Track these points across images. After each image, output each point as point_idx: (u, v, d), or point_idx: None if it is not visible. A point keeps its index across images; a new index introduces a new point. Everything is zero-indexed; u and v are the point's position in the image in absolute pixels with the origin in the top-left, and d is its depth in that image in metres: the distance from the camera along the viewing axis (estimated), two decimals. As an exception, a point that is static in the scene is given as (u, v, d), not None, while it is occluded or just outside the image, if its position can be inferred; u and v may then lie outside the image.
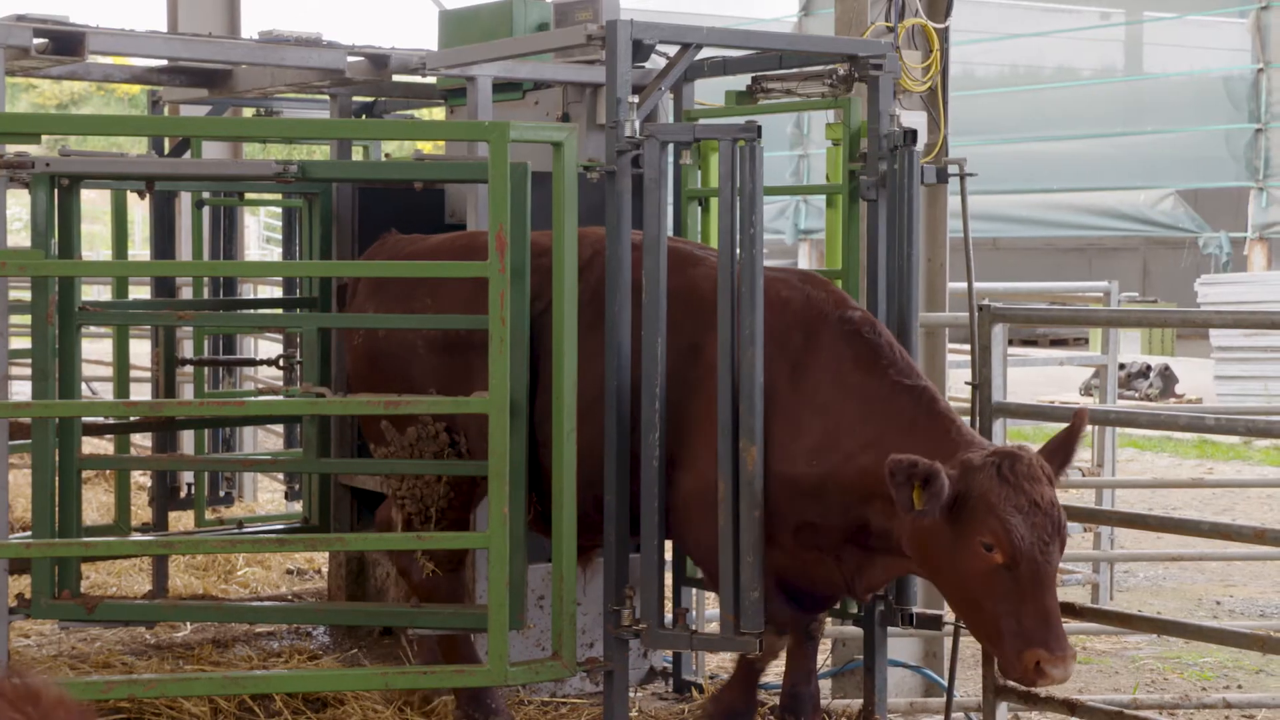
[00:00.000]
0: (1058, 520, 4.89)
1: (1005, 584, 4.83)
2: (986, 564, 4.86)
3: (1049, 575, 4.81)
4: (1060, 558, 4.91)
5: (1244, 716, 7.00)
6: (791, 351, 5.57)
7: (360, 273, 7.61)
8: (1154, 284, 32.92)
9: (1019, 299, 9.78)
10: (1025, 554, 4.79)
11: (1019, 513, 4.81)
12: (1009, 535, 4.81)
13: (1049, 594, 4.80)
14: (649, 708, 6.76)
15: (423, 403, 6.78)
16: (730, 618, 5.40)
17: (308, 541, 6.98)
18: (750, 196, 5.46)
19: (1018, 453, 4.96)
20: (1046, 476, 4.93)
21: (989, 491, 4.85)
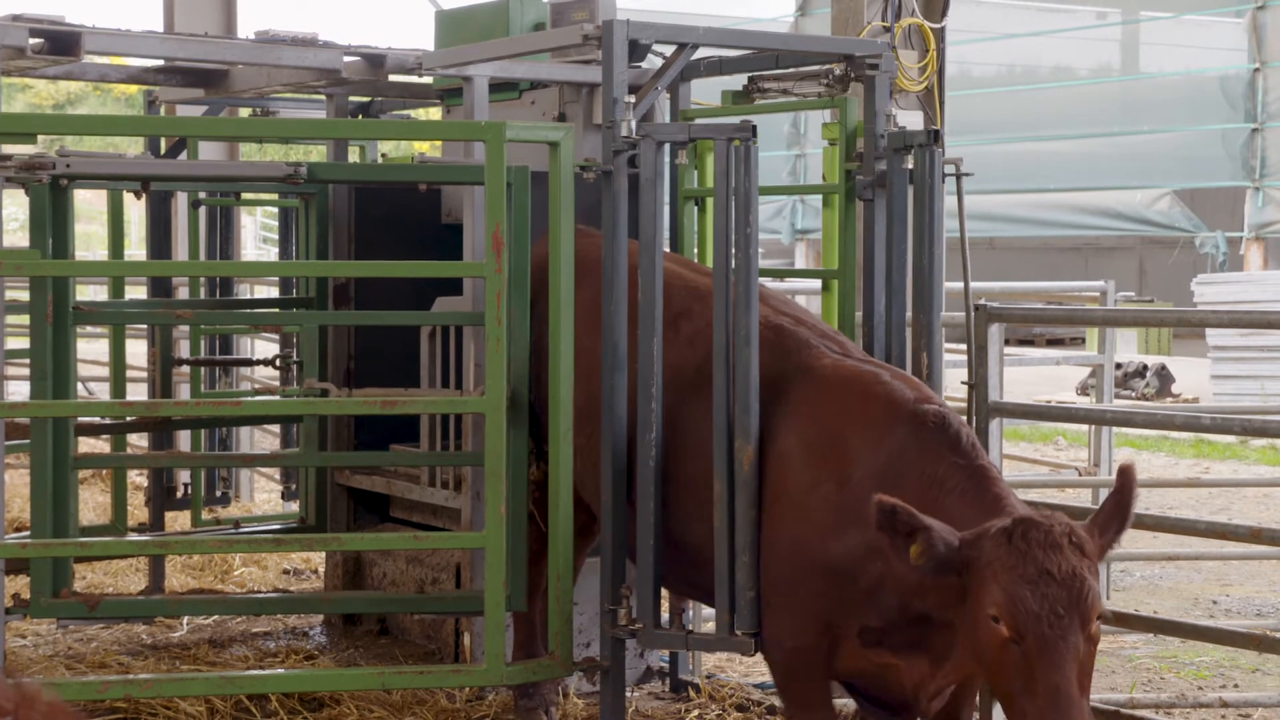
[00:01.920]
0: (1078, 592, 4.44)
1: (1014, 659, 4.47)
2: (996, 637, 4.52)
3: (1061, 651, 4.39)
4: (1085, 634, 4.44)
5: (1240, 715, 7.00)
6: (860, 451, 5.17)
7: (356, 273, 7.62)
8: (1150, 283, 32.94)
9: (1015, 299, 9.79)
10: (1030, 627, 4.41)
11: (1025, 583, 4.44)
12: (1011, 607, 4.45)
13: (1059, 672, 4.37)
14: (646, 707, 6.76)
15: (419, 401, 6.80)
16: (725, 618, 5.40)
17: (304, 541, 6.99)
18: (745, 196, 5.46)
19: (1036, 518, 4.58)
20: (1074, 545, 4.51)
21: (994, 560, 4.51)
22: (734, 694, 6.82)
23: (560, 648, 5.89)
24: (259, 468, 11.32)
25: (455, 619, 7.11)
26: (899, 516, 4.56)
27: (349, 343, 7.81)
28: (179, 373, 9.21)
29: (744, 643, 5.37)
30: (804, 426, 5.26)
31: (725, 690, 6.87)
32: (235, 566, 9.06)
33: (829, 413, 5.21)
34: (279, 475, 10.25)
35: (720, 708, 6.72)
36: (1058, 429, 16.20)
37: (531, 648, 6.50)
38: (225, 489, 9.30)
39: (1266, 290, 19.50)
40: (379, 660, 7.20)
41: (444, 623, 7.20)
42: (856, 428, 5.09)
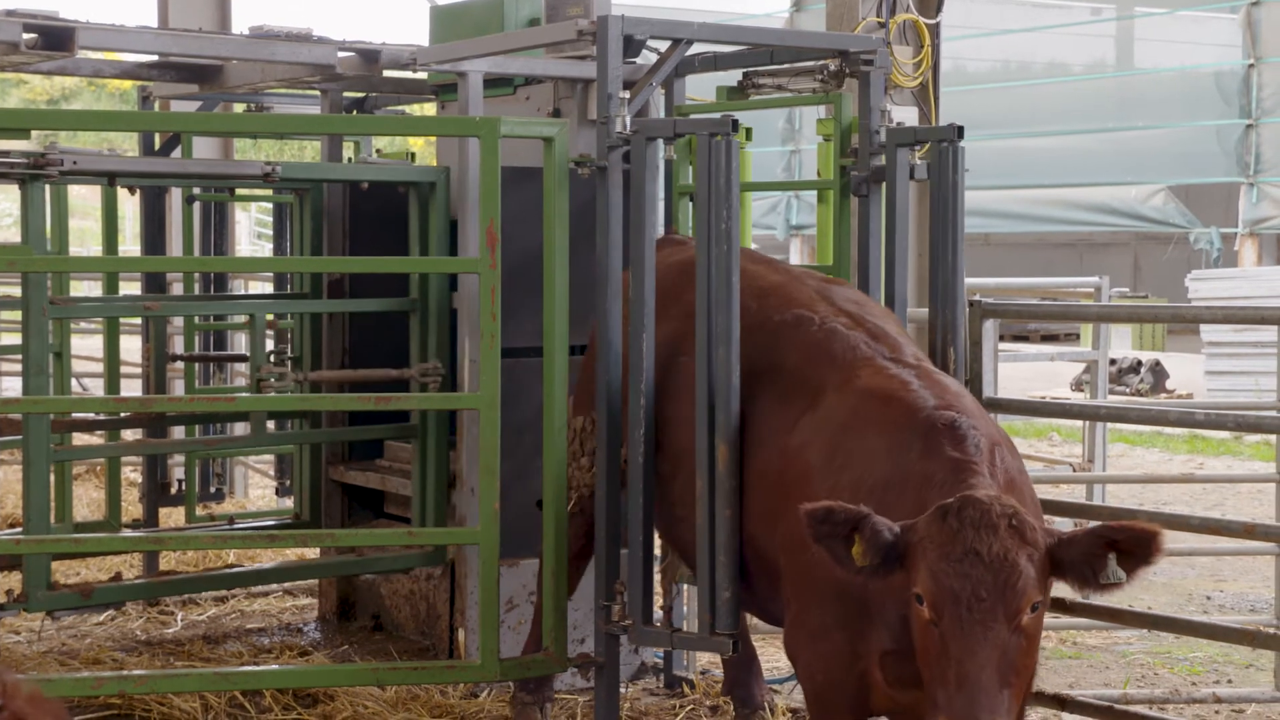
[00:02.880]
0: (1006, 578, 4.12)
1: (934, 643, 4.18)
2: (920, 619, 4.24)
3: (976, 637, 4.08)
4: (1011, 623, 4.12)
5: (1234, 711, 7.01)
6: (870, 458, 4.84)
7: (350, 268, 7.62)
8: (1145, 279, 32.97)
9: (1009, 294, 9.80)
10: (948, 608, 4.12)
11: (948, 560, 4.14)
12: (932, 584, 4.16)
13: (972, 659, 4.06)
14: (640, 703, 6.76)
15: (413, 399, 6.80)
16: (707, 618, 5.40)
17: (299, 537, 6.98)
18: (725, 191, 5.44)
19: (978, 498, 4.25)
20: (1012, 529, 4.17)
21: (926, 537, 4.23)
22: (728, 690, 6.81)
23: (555, 644, 5.89)
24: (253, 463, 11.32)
25: (450, 617, 7.11)
26: (834, 516, 4.29)
27: (343, 337, 7.81)
28: (173, 368, 9.22)
29: (722, 643, 5.36)
30: (825, 437, 4.96)
31: (720, 686, 6.86)
32: (229, 563, 9.05)
33: (851, 423, 4.90)
34: (273, 471, 10.24)
35: (714, 703, 6.72)
36: (1052, 425, 16.22)
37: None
38: (219, 485, 9.31)
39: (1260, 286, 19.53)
40: (373, 656, 7.20)
41: (439, 619, 7.20)
42: (872, 436, 4.80)
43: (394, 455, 7.75)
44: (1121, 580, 4.23)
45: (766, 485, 5.16)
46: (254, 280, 12.39)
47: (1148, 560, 4.25)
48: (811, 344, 5.19)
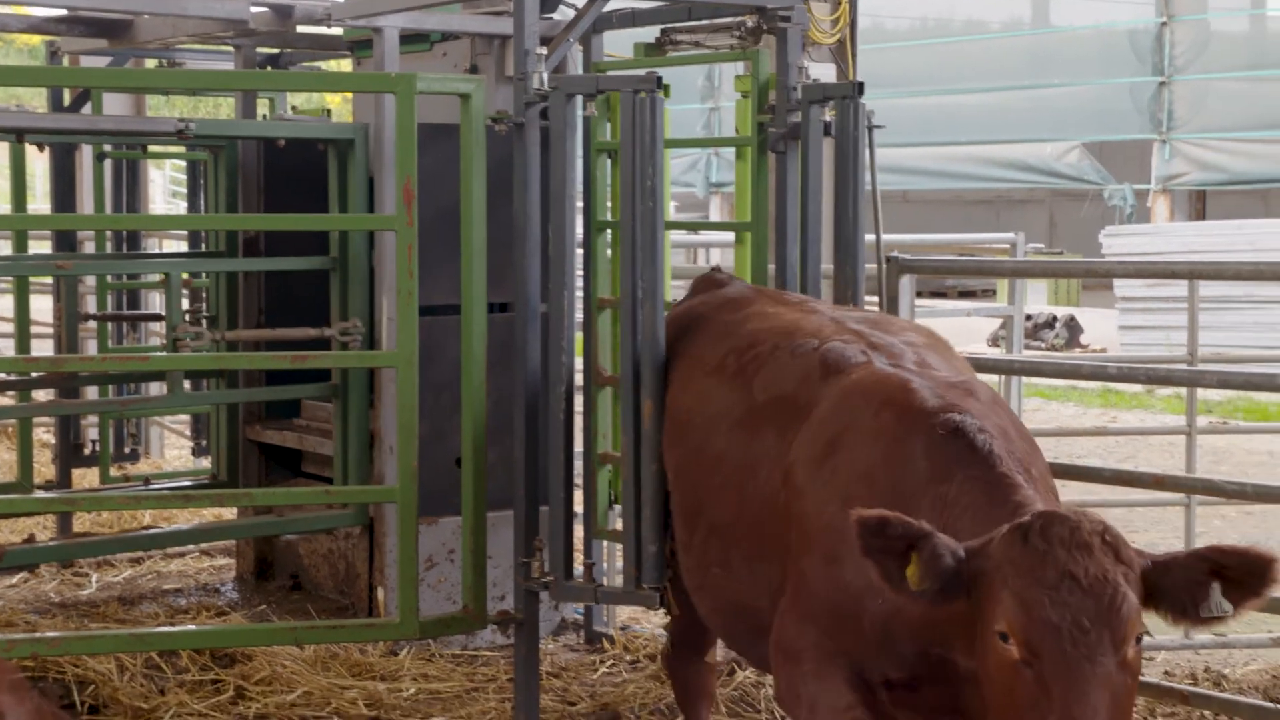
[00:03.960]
0: (1110, 603, 3.50)
1: (1027, 687, 3.53)
2: (1005, 661, 3.58)
3: (1085, 675, 3.47)
4: (1119, 656, 3.51)
5: (1144, 659, 7.12)
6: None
7: (266, 226, 7.55)
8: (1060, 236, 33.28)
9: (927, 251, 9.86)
10: (1047, 643, 3.49)
11: (1041, 588, 3.52)
12: (1023, 618, 3.53)
13: (1083, 701, 3.45)
14: (561, 659, 6.79)
15: (329, 357, 6.76)
16: (632, 571, 5.42)
17: (215, 498, 6.92)
18: (650, 149, 5.44)
19: (1061, 513, 3.67)
20: (1107, 546, 3.59)
21: (1005, 563, 3.61)
22: (647, 644, 6.86)
23: (474, 601, 5.89)
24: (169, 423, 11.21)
25: (369, 575, 7.09)
26: (891, 529, 3.69)
27: (259, 296, 7.74)
28: (85, 328, 9.10)
29: (649, 596, 5.39)
30: (813, 445, 4.39)
31: (639, 641, 6.91)
32: (145, 524, 8.97)
33: (840, 427, 4.34)
34: (189, 431, 10.15)
35: (634, 658, 6.75)
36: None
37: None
38: (134, 445, 9.21)
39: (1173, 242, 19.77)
40: (292, 615, 7.16)
41: (358, 578, 7.18)
42: (866, 441, 4.24)
43: (311, 414, 7.70)
44: (1227, 614, 3.61)
45: (764, 524, 4.52)
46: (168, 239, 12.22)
47: (1259, 592, 3.62)
48: (807, 365, 4.67)
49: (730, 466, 4.70)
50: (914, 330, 4.87)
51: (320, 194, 7.18)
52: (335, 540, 7.40)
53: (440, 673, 6.56)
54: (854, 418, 4.30)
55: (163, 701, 6.11)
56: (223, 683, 6.28)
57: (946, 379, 4.36)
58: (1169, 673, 6.87)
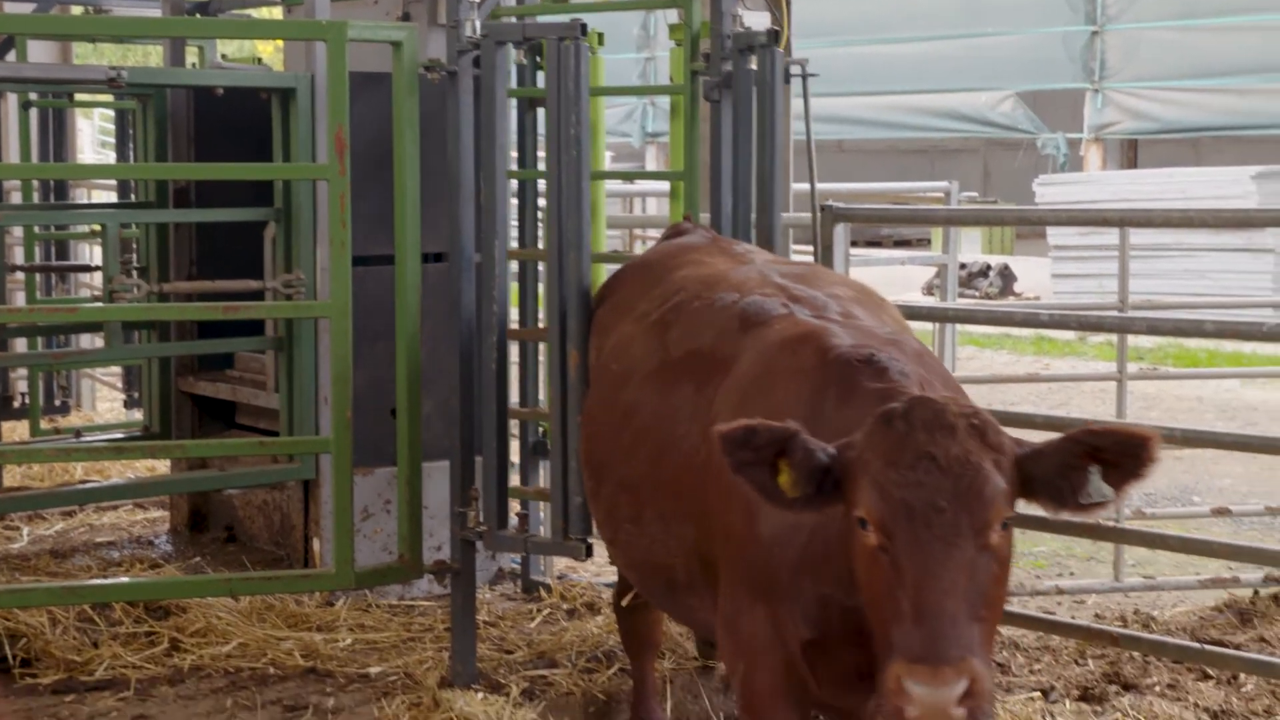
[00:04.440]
0: (970, 484, 3.37)
1: (884, 572, 3.38)
2: (865, 548, 3.45)
3: (936, 556, 3.32)
4: (979, 540, 3.36)
5: (1075, 602, 7.23)
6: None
7: (199, 175, 7.47)
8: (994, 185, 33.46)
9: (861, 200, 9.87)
10: (900, 524, 3.36)
11: (896, 468, 3.39)
12: (878, 500, 3.39)
13: (933, 582, 3.30)
14: (498, 608, 6.80)
15: (261, 308, 6.71)
16: (560, 523, 5.44)
17: (146, 449, 6.88)
18: (574, 96, 5.41)
19: (929, 398, 3.54)
20: (974, 430, 3.44)
21: (868, 448, 3.48)
22: (584, 593, 6.88)
23: (410, 551, 5.89)
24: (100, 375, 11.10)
25: (305, 526, 7.07)
26: (757, 438, 3.54)
27: (190, 247, 7.67)
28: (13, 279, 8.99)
29: (575, 547, 5.42)
30: (733, 401, 4.19)
31: (576, 590, 6.93)
32: (76, 477, 8.90)
33: (758, 379, 4.17)
34: (121, 383, 10.07)
35: (571, 606, 6.78)
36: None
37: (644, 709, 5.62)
38: (65, 398, 9.13)
39: (1105, 190, 19.91)
40: (226, 567, 7.14)
41: (293, 529, 7.16)
42: (780, 389, 4.05)
43: (245, 366, 7.65)
44: (1108, 498, 3.50)
45: (680, 481, 4.33)
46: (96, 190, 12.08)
47: (1138, 472, 3.49)
48: (725, 319, 4.47)
49: (642, 420, 4.50)
50: (843, 284, 4.71)
51: (252, 144, 7.11)
52: (270, 492, 7.37)
53: (377, 623, 6.56)
54: (773, 363, 4.15)
55: (96, 654, 6.08)
56: (157, 635, 6.26)
57: (870, 329, 4.21)
58: (1099, 615, 6.97)
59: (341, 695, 5.78)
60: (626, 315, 4.99)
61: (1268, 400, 13.33)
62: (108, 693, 5.81)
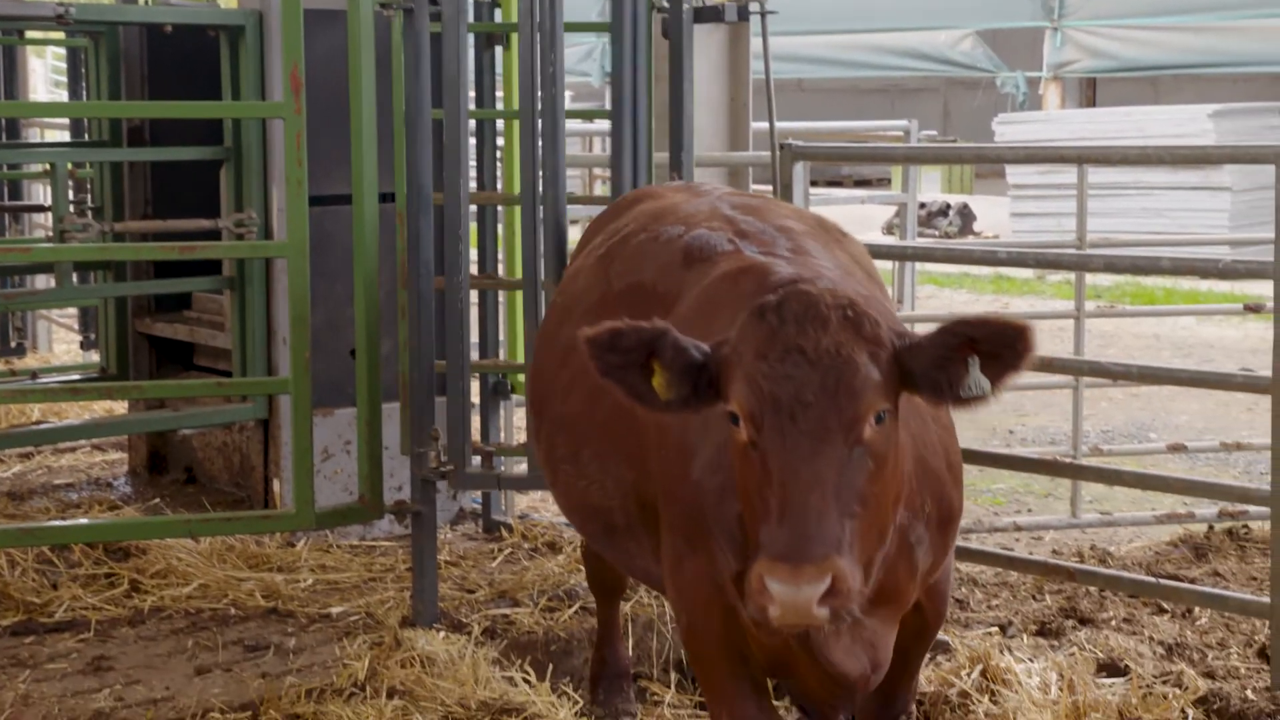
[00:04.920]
0: (838, 377, 3.26)
1: (754, 469, 3.29)
2: (737, 446, 3.36)
3: (800, 451, 3.22)
4: (847, 434, 3.26)
5: (1033, 538, 7.30)
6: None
7: (151, 113, 7.39)
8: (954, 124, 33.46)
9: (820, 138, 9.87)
10: (766, 418, 3.26)
11: (765, 360, 3.29)
12: (745, 393, 3.30)
13: (796, 478, 3.20)
14: (459, 548, 6.81)
15: (219, 248, 6.66)
16: (539, 453, 5.43)
17: (103, 390, 6.84)
18: (551, 33, 5.38)
19: (804, 289, 3.41)
20: (848, 322, 3.33)
21: (740, 342, 3.37)
22: (545, 532, 6.90)
23: (370, 492, 5.88)
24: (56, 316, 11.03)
25: (265, 468, 7.05)
26: (624, 339, 3.42)
27: (145, 187, 7.60)
28: (-35, 220, 8.90)
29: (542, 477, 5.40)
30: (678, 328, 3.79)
31: (537, 529, 6.94)
32: (34, 419, 8.84)
33: (695, 314, 3.99)
34: (78, 325, 10.00)
35: (533, 545, 6.79)
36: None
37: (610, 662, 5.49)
38: (20, 339, 9.06)
39: (1064, 129, 19.95)
40: (186, 509, 7.12)
41: (253, 470, 7.14)
42: (723, 314, 3.83)
43: (202, 307, 7.61)
44: (985, 392, 3.40)
45: (618, 420, 4.12)
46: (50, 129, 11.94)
47: (1016, 364, 3.40)
48: (668, 253, 4.30)
49: (581, 356, 4.14)
50: (798, 217, 4.53)
51: (207, 82, 7.04)
52: (230, 433, 7.34)
53: (338, 563, 6.56)
54: (714, 296, 3.98)
55: (55, 596, 6.06)
56: (117, 576, 6.25)
57: (818, 264, 4.03)
58: (1056, 551, 7.04)
59: (303, 635, 5.79)
60: (582, 252, 4.91)
61: (1224, 337, 13.43)
62: (67, 634, 5.79)
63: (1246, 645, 5.90)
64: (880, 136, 14.39)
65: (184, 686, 5.28)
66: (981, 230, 21.32)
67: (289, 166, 5.61)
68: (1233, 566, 6.83)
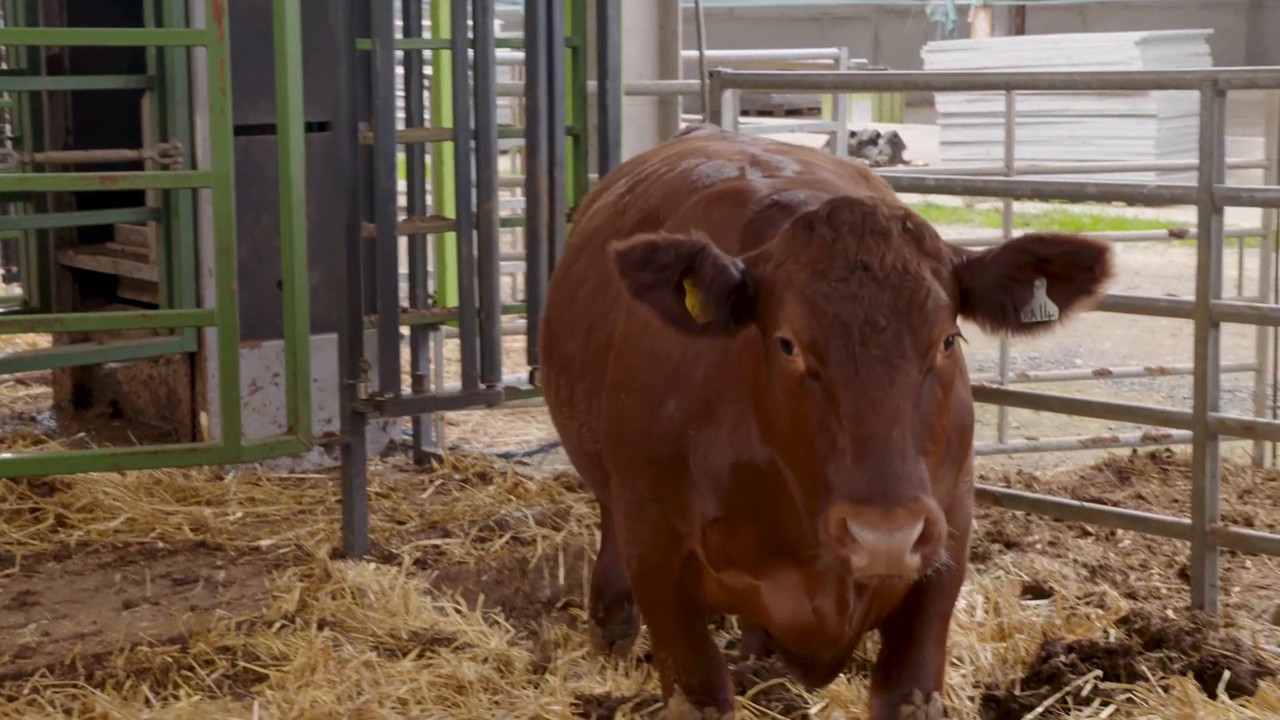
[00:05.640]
0: (911, 296, 2.93)
1: (815, 404, 2.93)
2: (790, 376, 2.98)
3: (878, 380, 2.88)
4: (922, 360, 2.94)
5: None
6: None
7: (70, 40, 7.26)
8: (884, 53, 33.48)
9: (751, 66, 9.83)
10: (833, 344, 2.90)
11: (826, 280, 2.94)
12: (806, 318, 2.93)
13: (877, 411, 2.86)
14: (390, 479, 6.80)
15: (141, 178, 6.58)
16: (473, 371, 5.42)
17: (26, 323, 6.74)
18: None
19: (855, 198, 3.07)
20: (909, 235, 3.00)
21: (788, 257, 3.02)
22: (476, 463, 6.89)
23: (298, 423, 5.84)
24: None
25: (191, 400, 6.99)
26: (661, 255, 3.07)
27: (66, 115, 7.47)
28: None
29: (494, 394, 5.39)
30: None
31: (468, 460, 6.94)
32: (-43, 353, 8.73)
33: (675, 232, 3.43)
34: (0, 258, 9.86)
35: (464, 477, 6.79)
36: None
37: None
38: (-60, 273, 8.92)
39: (992, 57, 20.01)
40: (112, 443, 7.05)
41: (179, 403, 7.08)
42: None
43: (126, 239, 7.51)
44: (1052, 317, 3.08)
45: (605, 354, 3.87)
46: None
47: (1091, 289, 3.05)
48: (679, 182, 4.00)
49: (586, 292, 4.09)
50: (834, 164, 4.12)
51: (126, 11, 6.91)
52: (156, 366, 7.27)
53: (267, 496, 6.53)
54: (686, 221, 3.65)
55: (-20, 531, 6.01)
56: (42, 511, 6.19)
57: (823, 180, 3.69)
58: (983, 476, 7.10)
59: (232, 568, 5.76)
60: (603, 195, 4.52)
61: (1149, 264, 13.55)
62: (-7, 570, 5.75)
63: (1168, 566, 6.01)
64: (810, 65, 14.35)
65: (111, 621, 5.25)
66: (911, 159, 21.38)
67: (212, 95, 5.53)
68: (1156, 489, 6.94)
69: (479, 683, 4.72)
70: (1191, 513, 5.22)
